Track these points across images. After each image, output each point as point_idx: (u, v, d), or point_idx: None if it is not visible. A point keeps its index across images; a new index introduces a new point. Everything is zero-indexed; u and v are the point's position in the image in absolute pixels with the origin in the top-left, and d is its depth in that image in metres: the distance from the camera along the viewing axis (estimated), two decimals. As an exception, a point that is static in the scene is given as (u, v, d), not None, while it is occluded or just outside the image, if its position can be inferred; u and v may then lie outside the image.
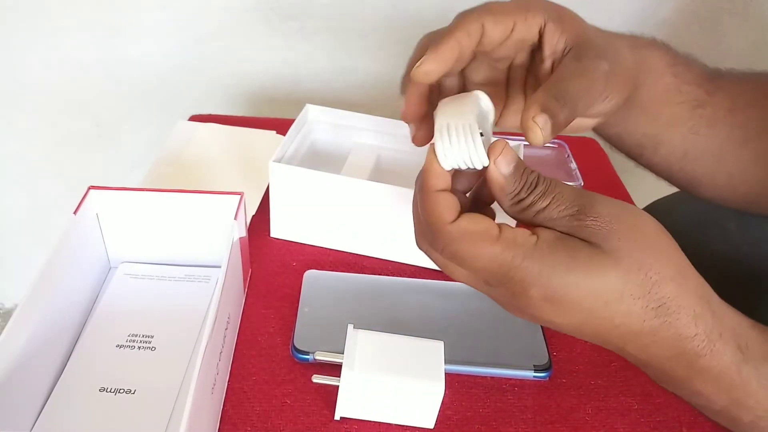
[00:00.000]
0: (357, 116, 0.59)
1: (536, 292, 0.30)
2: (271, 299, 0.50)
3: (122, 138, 0.99)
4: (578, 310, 0.30)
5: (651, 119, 0.44)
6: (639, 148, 0.47)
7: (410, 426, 0.41)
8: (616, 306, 0.30)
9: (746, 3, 0.87)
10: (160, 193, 0.46)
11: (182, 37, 0.89)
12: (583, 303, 0.30)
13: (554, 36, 0.37)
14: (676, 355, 0.31)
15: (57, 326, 0.42)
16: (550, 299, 0.30)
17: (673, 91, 0.44)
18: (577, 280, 0.30)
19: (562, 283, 0.30)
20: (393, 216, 0.51)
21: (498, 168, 0.32)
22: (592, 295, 0.30)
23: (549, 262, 0.30)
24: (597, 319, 0.31)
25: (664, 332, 0.30)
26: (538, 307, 0.31)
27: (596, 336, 0.32)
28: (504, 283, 0.31)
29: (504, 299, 0.33)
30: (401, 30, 0.88)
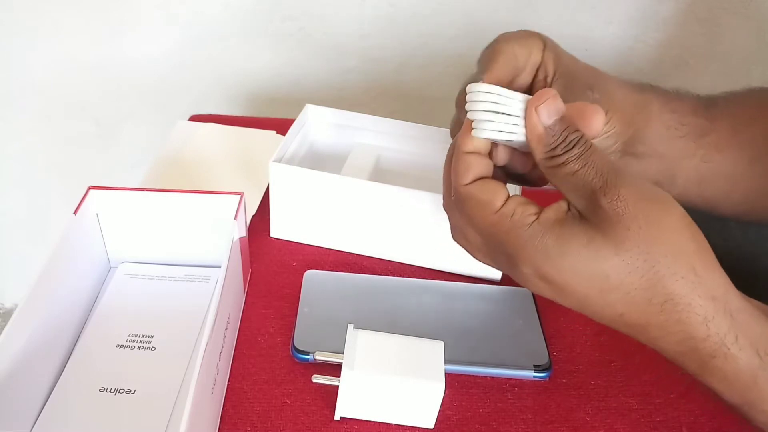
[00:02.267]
0: (357, 116, 0.59)
1: (528, 269, 0.31)
2: (271, 299, 0.50)
3: (122, 138, 0.99)
4: (572, 292, 0.31)
5: (660, 158, 0.44)
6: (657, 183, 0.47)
7: (410, 426, 0.41)
8: (615, 294, 0.30)
9: (746, 3, 0.87)
10: (160, 193, 0.46)
11: (182, 37, 0.89)
12: (577, 287, 0.30)
13: (549, 62, 0.40)
14: (688, 352, 0.31)
15: (57, 326, 0.42)
16: (544, 278, 0.31)
17: (674, 127, 0.44)
18: (571, 264, 0.30)
19: (554, 265, 0.30)
20: (393, 216, 0.51)
21: (539, 116, 0.32)
22: (586, 280, 0.30)
23: (540, 243, 0.30)
24: (595, 305, 0.31)
25: (673, 328, 0.30)
26: (533, 283, 0.32)
27: (602, 319, 0.32)
28: (501, 252, 0.32)
29: (506, 268, 0.33)
30: (401, 30, 0.88)
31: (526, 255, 0.31)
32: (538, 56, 0.39)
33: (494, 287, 0.51)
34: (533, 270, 0.31)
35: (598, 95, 0.39)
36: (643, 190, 0.30)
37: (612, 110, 0.40)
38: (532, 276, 0.31)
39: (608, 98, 0.40)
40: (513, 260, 0.32)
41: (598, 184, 0.30)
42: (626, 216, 0.29)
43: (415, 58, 0.91)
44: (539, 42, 0.39)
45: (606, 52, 0.86)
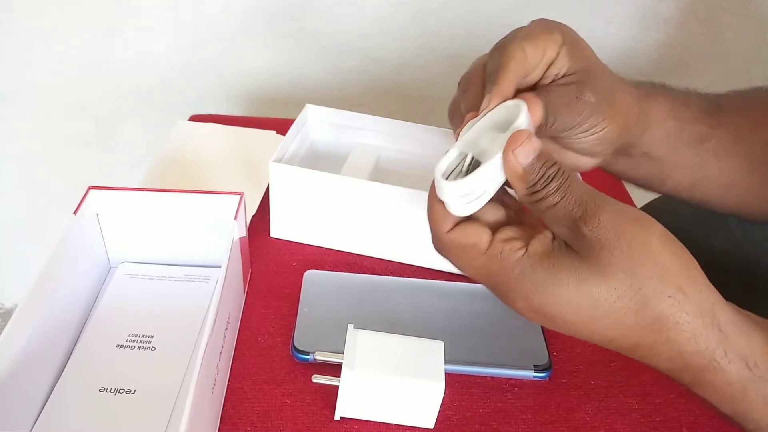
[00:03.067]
0: (357, 116, 0.59)
1: (522, 304, 0.31)
2: (271, 299, 0.50)
3: (122, 138, 1.00)
4: (564, 322, 0.31)
5: (654, 162, 0.45)
6: (646, 183, 0.47)
7: (410, 426, 0.41)
8: (604, 320, 0.30)
9: (746, 3, 0.87)
10: (160, 193, 0.46)
11: (182, 37, 0.89)
12: (568, 317, 0.30)
13: (564, 59, 0.38)
14: (679, 368, 0.31)
15: (57, 326, 0.42)
16: (536, 311, 0.31)
17: (674, 135, 0.44)
18: (560, 295, 0.30)
19: (545, 296, 0.30)
20: (393, 216, 0.51)
21: (517, 158, 0.32)
22: (576, 309, 0.30)
23: (531, 277, 0.31)
24: (586, 332, 0.31)
25: (663, 347, 0.31)
26: (529, 317, 0.32)
27: (595, 342, 0.32)
28: (494, 289, 0.33)
29: (502, 300, 0.33)
30: (401, 30, 0.88)
31: (518, 290, 0.31)
32: (553, 53, 0.38)
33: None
34: (526, 304, 0.31)
35: (595, 99, 0.38)
36: (622, 213, 0.30)
37: (609, 117, 0.39)
38: (526, 310, 0.32)
39: (608, 104, 0.39)
40: (506, 296, 0.32)
41: (578, 214, 0.30)
42: (608, 242, 0.30)
43: (415, 58, 0.91)
44: (558, 38, 0.38)
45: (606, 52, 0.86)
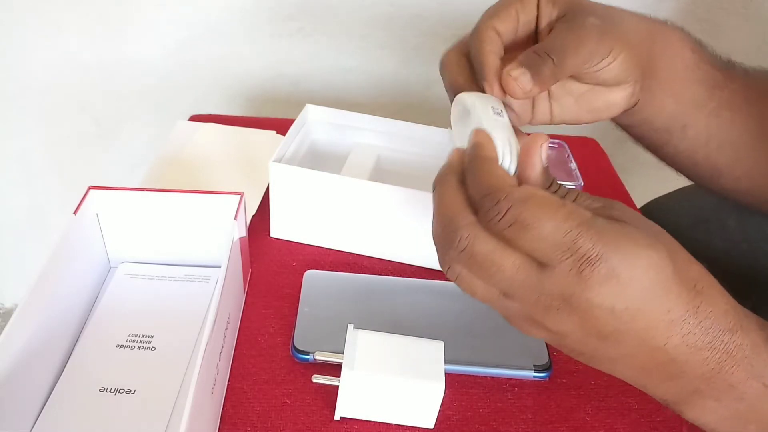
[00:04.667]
0: (357, 116, 0.59)
1: (603, 268, 0.27)
2: (271, 299, 0.50)
3: (122, 138, 0.99)
4: (638, 287, 0.28)
5: (674, 98, 0.44)
6: (667, 133, 0.46)
7: (410, 426, 0.41)
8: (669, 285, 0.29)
9: (746, 3, 0.87)
10: (160, 193, 0.46)
11: (182, 37, 0.89)
12: (644, 278, 0.28)
13: (547, 8, 0.39)
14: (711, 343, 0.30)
15: (57, 326, 0.42)
16: (615, 275, 0.27)
17: (692, 68, 0.44)
18: (637, 251, 0.28)
19: (628, 250, 0.28)
20: (393, 216, 0.51)
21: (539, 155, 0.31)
22: (653, 268, 0.28)
23: (613, 231, 0.28)
24: (652, 302, 0.28)
25: (705, 310, 0.29)
26: (596, 292, 0.28)
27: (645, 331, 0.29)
28: (562, 262, 0.28)
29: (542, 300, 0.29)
30: (401, 30, 0.88)
31: (605, 243, 0.27)
32: (531, 12, 0.39)
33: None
34: (608, 266, 0.27)
35: (599, 21, 0.38)
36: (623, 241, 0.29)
37: (622, 37, 0.39)
38: (601, 278, 0.28)
39: (614, 24, 0.39)
40: (587, 258, 0.28)
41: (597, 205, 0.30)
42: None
43: (415, 58, 0.91)
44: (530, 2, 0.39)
45: (606, 52, 0.86)
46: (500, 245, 0.29)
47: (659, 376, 0.31)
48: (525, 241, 0.28)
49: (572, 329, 0.30)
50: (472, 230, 0.30)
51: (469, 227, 0.30)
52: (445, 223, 0.31)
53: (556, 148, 0.69)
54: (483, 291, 0.31)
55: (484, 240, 0.29)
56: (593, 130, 0.74)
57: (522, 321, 0.32)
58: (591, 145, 0.73)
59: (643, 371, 0.31)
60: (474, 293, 0.32)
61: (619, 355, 0.30)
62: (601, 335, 0.29)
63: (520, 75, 0.35)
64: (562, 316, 0.29)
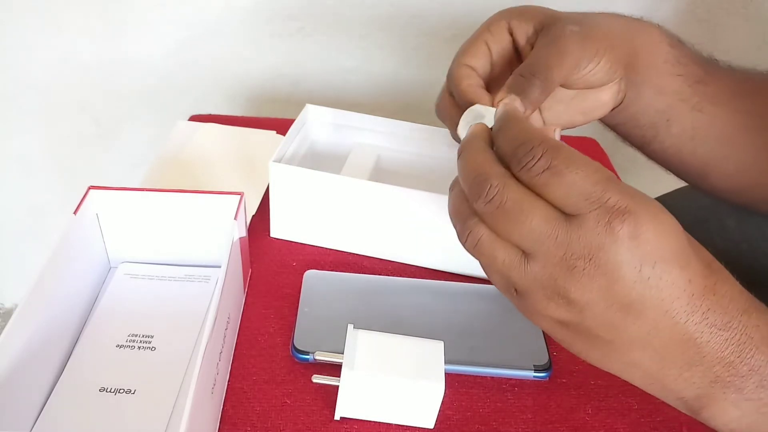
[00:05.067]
0: (357, 116, 0.59)
1: (632, 222, 0.27)
2: (271, 299, 0.50)
3: (122, 138, 0.99)
4: (664, 248, 0.28)
5: (657, 92, 0.44)
6: (653, 129, 0.46)
7: (410, 426, 0.41)
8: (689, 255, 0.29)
9: (746, 3, 0.87)
10: (160, 193, 0.46)
11: (182, 37, 0.89)
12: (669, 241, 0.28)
13: (521, 28, 0.40)
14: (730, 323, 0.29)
15: (57, 326, 0.42)
16: (643, 231, 0.27)
17: (672, 62, 0.44)
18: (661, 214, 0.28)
19: (654, 211, 0.28)
20: (393, 216, 0.51)
21: None
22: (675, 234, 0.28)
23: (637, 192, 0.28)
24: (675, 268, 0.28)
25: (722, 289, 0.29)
26: (625, 246, 0.27)
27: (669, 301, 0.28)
28: (591, 212, 0.28)
29: (567, 257, 0.28)
30: (401, 30, 0.88)
31: (631, 197, 0.28)
32: (504, 40, 0.40)
33: (494, 287, 0.51)
34: (634, 222, 0.27)
35: (578, 28, 0.39)
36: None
37: (599, 41, 0.39)
38: (627, 235, 0.27)
39: (591, 28, 0.39)
40: (615, 211, 0.27)
41: None
42: None
43: (415, 58, 0.91)
44: (501, 24, 0.41)
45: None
46: (531, 194, 0.29)
47: (678, 362, 0.30)
48: (556, 187, 0.28)
49: (596, 298, 0.28)
50: (502, 178, 0.29)
51: (499, 176, 0.30)
52: (474, 177, 0.30)
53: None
54: (503, 254, 0.30)
55: (514, 187, 0.29)
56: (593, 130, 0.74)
57: (541, 293, 0.30)
58: (591, 145, 0.73)
59: (662, 359, 0.30)
60: (494, 258, 0.31)
61: (639, 334, 0.29)
62: (623, 304, 0.28)
63: (511, 102, 0.35)
64: (587, 278, 0.28)
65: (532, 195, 0.29)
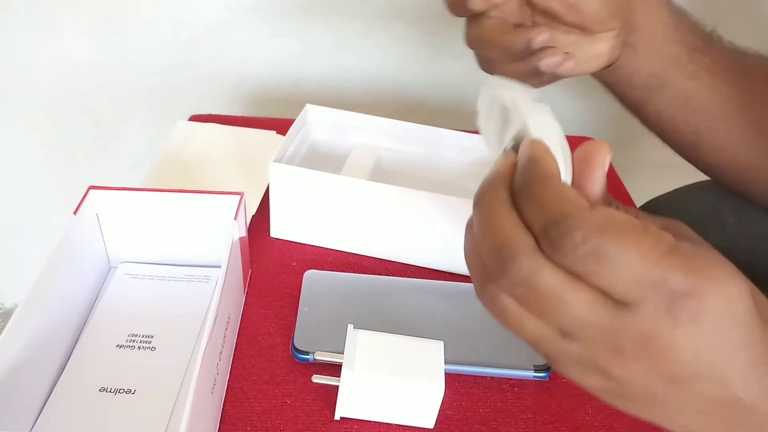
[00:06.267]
0: (357, 116, 0.59)
1: (695, 303, 0.23)
2: (271, 299, 0.50)
3: (122, 138, 0.99)
4: (724, 323, 0.24)
5: (654, 54, 0.44)
6: (646, 91, 0.46)
7: (410, 426, 0.41)
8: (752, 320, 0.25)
9: (746, 3, 0.87)
10: (160, 193, 0.46)
11: (182, 37, 0.89)
12: (733, 310, 0.24)
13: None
14: None
15: (57, 326, 0.42)
16: (707, 310, 0.23)
17: (671, 27, 0.44)
18: (728, 281, 0.24)
19: (719, 280, 0.24)
20: (393, 216, 0.51)
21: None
22: (743, 299, 0.24)
23: (700, 257, 0.24)
24: (735, 339, 0.24)
25: None
26: (686, 332, 0.24)
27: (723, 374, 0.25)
28: (648, 299, 0.24)
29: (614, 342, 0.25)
30: (401, 30, 0.88)
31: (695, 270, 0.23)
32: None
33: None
34: (699, 299, 0.23)
35: None
36: None
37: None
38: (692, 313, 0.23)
39: None
40: (677, 293, 0.23)
41: None
42: None
43: (415, 59, 0.90)
44: None
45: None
46: (570, 279, 0.24)
47: (719, 422, 0.26)
48: (603, 276, 0.24)
49: (639, 374, 0.25)
50: (534, 260, 0.25)
51: (530, 256, 0.25)
52: (497, 249, 0.26)
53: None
54: (534, 329, 0.27)
55: (550, 272, 0.24)
56: (593, 130, 0.74)
57: (576, 365, 0.27)
58: (591, 145, 0.73)
59: (701, 415, 0.26)
60: (521, 329, 0.27)
61: (684, 402, 0.26)
62: (673, 379, 0.25)
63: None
64: (636, 360, 0.25)
65: (572, 279, 0.24)
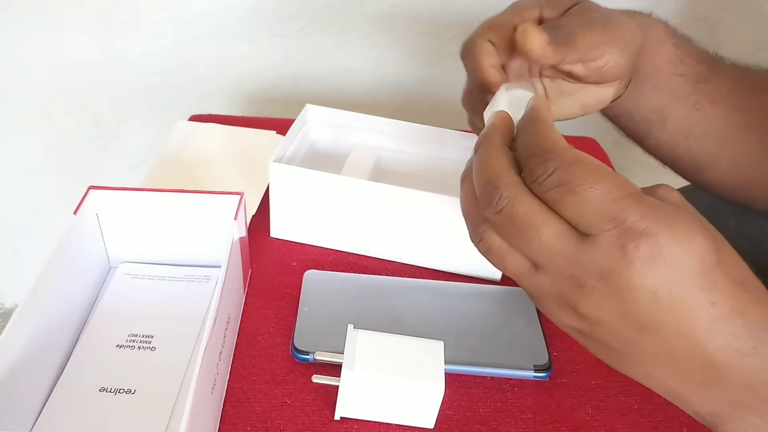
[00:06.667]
0: (357, 116, 0.59)
1: (650, 244, 0.26)
2: (271, 299, 0.50)
3: (122, 138, 0.99)
4: (684, 272, 0.26)
5: (656, 91, 0.44)
6: (647, 125, 0.46)
7: (410, 426, 0.41)
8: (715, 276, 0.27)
9: (746, 3, 0.87)
10: (160, 193, 0.46)
11: (182, 37, 0.89)
12: (692, 264, 0.26)
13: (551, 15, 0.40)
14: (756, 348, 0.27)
15: (57, 326, 0.42)
16: (662, 255, 0.26)
17: (674, 62, 0.44)
18: (687, 235, 0.26)
19: (678, 231, 0.26)
20: (393, 216, 0.51)
21: None
22: (701, 254, 0.26)
23: (664, 209, 0.27)
24: (697, 291, 0.26)
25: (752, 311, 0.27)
26: (639, 270, 0.26)
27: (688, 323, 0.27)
28: (605, 232, 0.26)
29: (577, 275, 0.28)
30: (401, 30, 0.88)
31: (651, 215, 0.26)
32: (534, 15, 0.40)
33: (494, 287, 0.51)
34: (653, 242, 0.26)
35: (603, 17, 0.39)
36: None
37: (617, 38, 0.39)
38: (647, 255, 0.26)
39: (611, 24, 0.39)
40: (631, 231, 0.26)
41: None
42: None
43: (415, 58, 0.91)
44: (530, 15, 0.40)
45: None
46: (542, 208, 0.28)
47: (696, 382, 0.28)
48: (569, 205, 0.27)
49: (607, 316, 0.28)
50: (514, 189, 0.28)
51: (511, 186, 0.28)
52: (485, 182, 0.29)
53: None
54: (514, 263, 0.30)
55: (526, 200, 0.28)
56: (593, 130, 0.74)
57: (552, 301, 0.29)
58: (591, 145, 0.73)
59: (679, 376, 0.29)
60: (504, 265, 0.30)
61: (654, 352, 0.28)
62: (638, 324, 0.27)
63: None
64: (598, 297, 0.27)
65: (544, 209, 0.28)
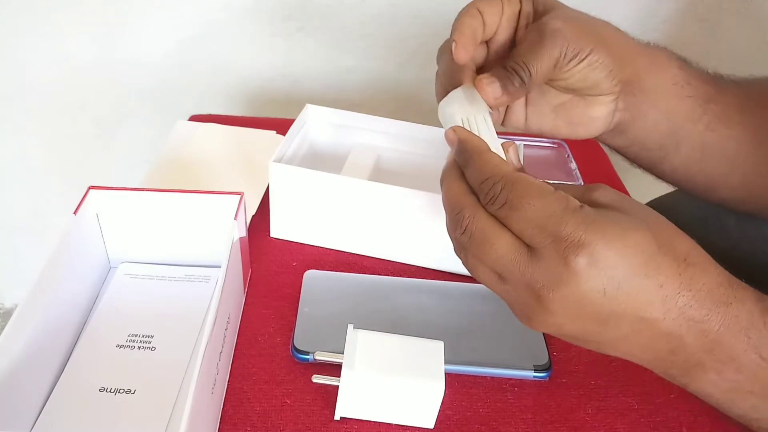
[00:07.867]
0: (357, 116, 0.59)
1: (587, 254, 0.29)
2: (271, 299, 0.50)
3: (122, 138, 1.00)
4: (625, 268, 0.29)
5: (667, 115, 0.44)
6: (661, 150, 0.46)
7: (410, 426, 0.41)
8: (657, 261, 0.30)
9: (746, 3, 0.87)
10: (160, 193, 0.46)
11: (182, 37, 0.89)
12: (630, 259, 0.29)
13: (528, 5, 0.41)
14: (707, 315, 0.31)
15: (57, 326, 0.42)
16: (599, 260, 0.29)
17: (681, 84, 0.44)
18: (621, 234, 0.29)
19: (611, 235, 0.29)
20: (393, 216, 0.51)
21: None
22: (638, 247, 0.30)
23: (598, 217, 0.30)
24: (643, 279, 0.30)
25: (699, 282, 0.31)
26: (584, 277, 0.29)
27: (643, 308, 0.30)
28: (546, 246, 0.30)
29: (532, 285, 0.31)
30: (401, 30, 0.88)
31: (586, 231, 0.29)
32: (515, 6, 0.41)
33: (494, 287, 0.51)
34: (590, 251, 0.29)
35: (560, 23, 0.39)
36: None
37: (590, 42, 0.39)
38: (585, 264, 0.29)
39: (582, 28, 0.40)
40: (567, 243, 0.29)
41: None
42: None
43: (415, 58, 0.91)
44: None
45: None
46: (496, 224, 0.32)
47: (664, 350, 0.32)
48: (515, 220, 0.31)
49: (569, 319, 0.31)
50: (472, 209, 0.32)
51: (470, 207, 0.33)
52: (451, 209, 0.34)
53: (556, 148, 0.69)
54: (484, 274, 0.33)
55: (483, 217, 0.32)
56: (593, 130, 0.74)
57: (520, 308, 0.33)
58: (591, 145, 0.73)
59: (647, 348, 0.32)
60: (478, 276, 0.33)
61: (621, 336, 0.31)
62: (599, 320, 0.30)
63: (489, 84, 0.37)
64: (556, 305, 0.30)
65: (498, 225, 0.31)
